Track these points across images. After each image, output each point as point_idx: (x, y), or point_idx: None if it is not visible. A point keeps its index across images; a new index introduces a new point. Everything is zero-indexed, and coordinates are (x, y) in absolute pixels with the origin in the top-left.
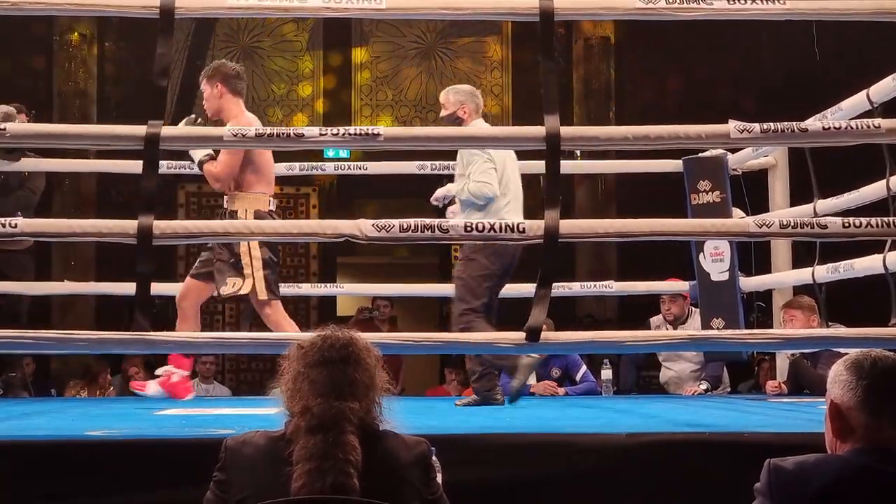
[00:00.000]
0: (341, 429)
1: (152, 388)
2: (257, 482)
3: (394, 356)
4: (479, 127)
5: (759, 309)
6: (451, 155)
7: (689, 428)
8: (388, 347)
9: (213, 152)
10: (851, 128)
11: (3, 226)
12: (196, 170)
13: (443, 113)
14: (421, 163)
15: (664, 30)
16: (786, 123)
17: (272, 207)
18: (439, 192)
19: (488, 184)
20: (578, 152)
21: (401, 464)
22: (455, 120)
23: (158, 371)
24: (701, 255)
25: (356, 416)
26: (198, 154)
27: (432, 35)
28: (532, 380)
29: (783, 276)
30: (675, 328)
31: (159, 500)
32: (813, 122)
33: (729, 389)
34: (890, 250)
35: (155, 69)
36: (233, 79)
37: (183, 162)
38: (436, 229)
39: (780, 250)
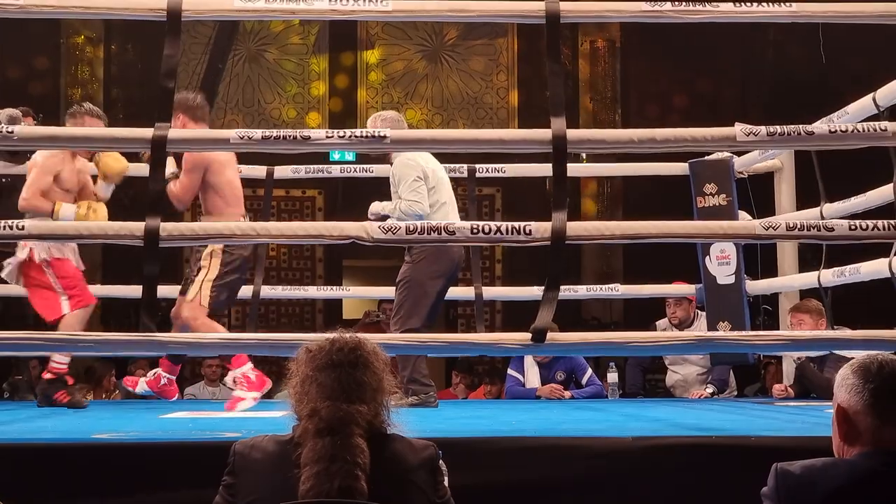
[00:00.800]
0: (349, 432)
1: (141, 385)
2: (266, 486)
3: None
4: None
5: (765, 312)
6: (457, 158)
7: (696, 432)
8: (395, 348)
9: (177, 171)
10: (858, 131)
11: (10, 227)
12: None
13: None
14: None
15: (670, 32)
16: (792, 126)
17: None
18: (374, 208)
19: (418, 202)
20: (584, 155)
21: (408, 467)
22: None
23: (150, 372)
24: (707, 258)
25: (364, 419)
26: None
27: (438, 38)
28: (538, 383)
29: (789, 280)
30: (681, 331)
31: (166, 502)
32: (819, 126)
33: (735, 393)
34: None
35: (162, 71)
36: (194, 108)
37: None
38: (442, 231)
39: (787, 253)
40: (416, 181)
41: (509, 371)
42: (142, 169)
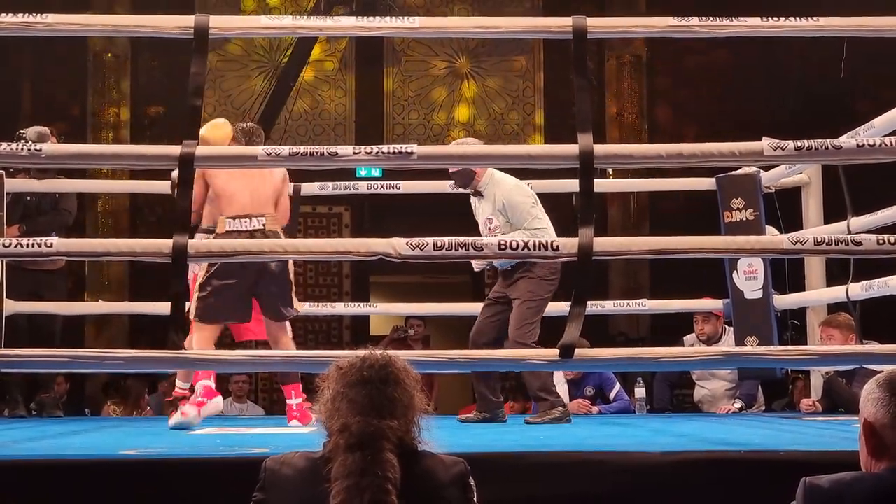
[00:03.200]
0: (380, 447)
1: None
2: (296, 502)
3: (427, 375)
4: (491, 179)
5: (792, 327)
6: None
7: (724, 446)
8: (422, 365)
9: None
10: (885, 145)
11: (39, 245)
12: None
13: (452, 169)
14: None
15: (698, 47)
16: (819, 141)
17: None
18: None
19: (544, 229)
20: (611, 170)
21: (439, 483)
22: (466, 174)
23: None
24: (734, 273)
25: (395, 435)
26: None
27: (464, 55)
28: (567, 399)
29: (817, 294)
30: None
31: None
32: (847, 140)
33: (763, 408)
34: None
35: (189, 89)
36: (250, 135)
37: None
38: (470, 247)
39: (814, 268)
40: (533, 207)
41: None
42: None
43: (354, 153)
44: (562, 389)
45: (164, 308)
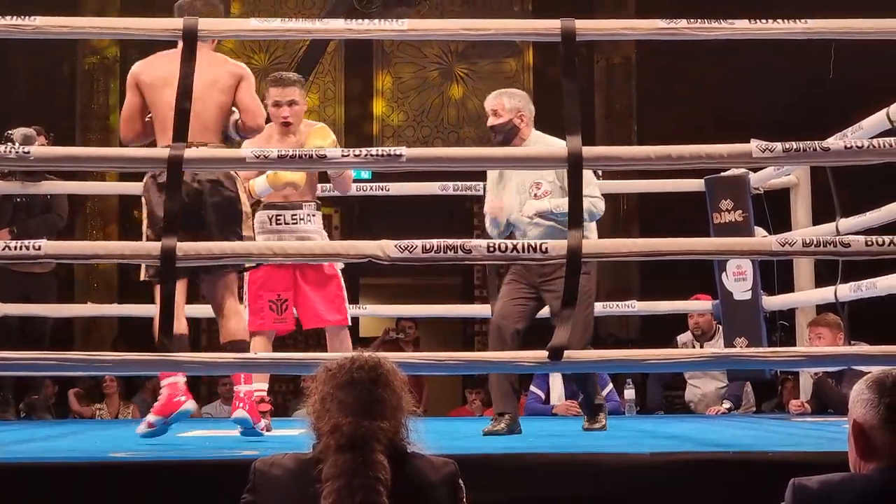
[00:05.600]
0: (371, 447)
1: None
2: (286, 503)
3: (416, 377)
4: (536, 137)
5: (781, 328)
6: (473, 176)
7: (714, 447)
8: (413, 367)
9: None
10: (874, 146)
11: (28, 248)
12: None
13: (494, 121)
14: (443, 183)
15: (686, 50)
16: (808, 143)
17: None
18: (539, 207)
19: (601, 199)
20: (600, 172)
21: (429, 484)
22: (510, 129)
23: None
24: (723, 275)
25: (385, 436)
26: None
27: (453, 56)
28: (555, 400)
29: (806, 295)
30: (702, 344)
31: None
32: (835, 141)
33: (755, 409)
34: None
35: (178, 91)
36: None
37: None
38: (459, 250)
39: (803, 269)
40: (592, 175)
41: (531, 388)
42: None
43: (343, 155)
44: (558, 390)
45: (153, 310)
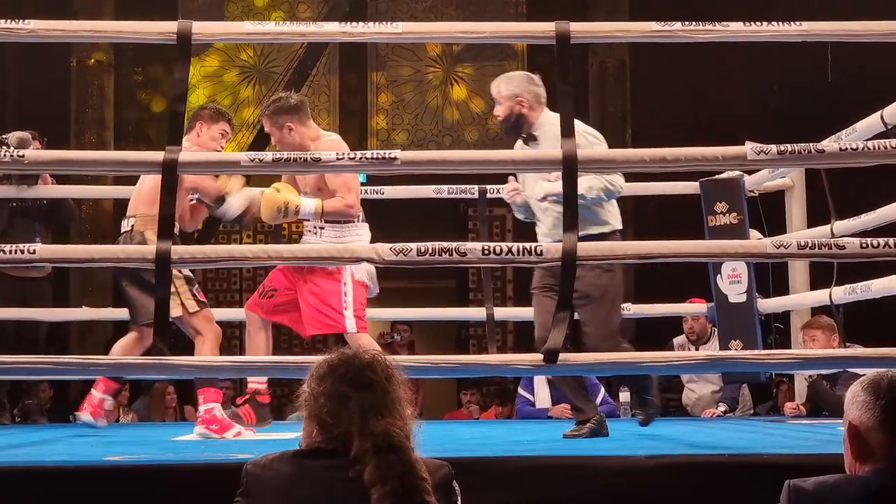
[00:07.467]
0: (407, 447)
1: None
2: None
3: (412, 380)
4: (548, 119)
5: (776, 331)
6: (468, 178)
7: (709, 450)
8: (408, 370)
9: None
10: (868, 149)
11: (22, 252)
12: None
13: (497, 111)
14: (438, 187)
15: (681, 52)
16: (802, 145)
17: None
18: (550, 189)
19: (620, 177)
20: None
21: None
22: (514, 120)
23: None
24: (718, 277)
25: (407, 436)
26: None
27: (448, 59)
28: (549, 403)
29: (801, 298)
30: (697, 347)
31: None
32: (829, 144)
33: (752, 412)
34: None
35: (172, 95)
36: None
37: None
38: (454, 252)
39: (798, 272)
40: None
41: (520, 391)
42: None
43: (338, 159)
44: (544, 391)
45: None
